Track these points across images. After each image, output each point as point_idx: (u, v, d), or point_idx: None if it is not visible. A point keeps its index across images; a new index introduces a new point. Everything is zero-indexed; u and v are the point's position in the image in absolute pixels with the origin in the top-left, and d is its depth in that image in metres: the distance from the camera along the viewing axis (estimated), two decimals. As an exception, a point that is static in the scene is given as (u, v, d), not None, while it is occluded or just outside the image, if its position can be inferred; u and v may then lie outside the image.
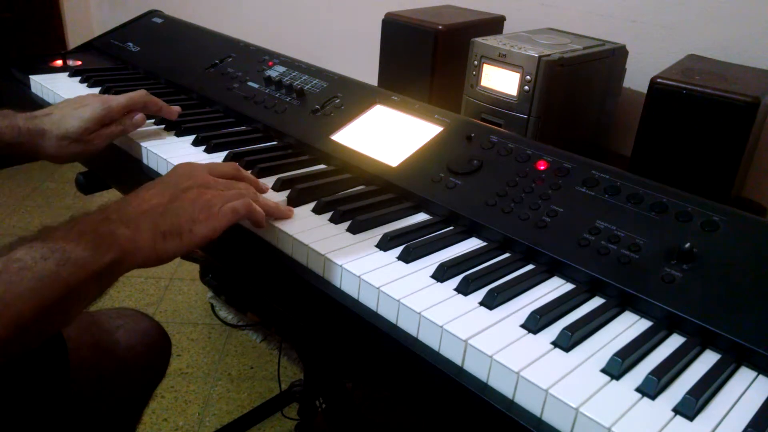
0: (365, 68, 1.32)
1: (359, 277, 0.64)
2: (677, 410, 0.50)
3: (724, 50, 1.04)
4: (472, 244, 0.73)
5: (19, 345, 0.52)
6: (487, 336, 0.56)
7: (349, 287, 0.65)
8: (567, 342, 0.56)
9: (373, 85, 1.05)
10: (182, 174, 0.70)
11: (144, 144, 0.93)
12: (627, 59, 1.08)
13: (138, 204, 0.64)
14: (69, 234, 0.56)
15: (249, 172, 0.84)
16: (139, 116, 0.94)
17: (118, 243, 0.59)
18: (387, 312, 0.62)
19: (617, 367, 0.53)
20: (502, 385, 0.53)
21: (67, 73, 1.24)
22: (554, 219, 0.71)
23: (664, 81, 0.86)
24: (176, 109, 1.00)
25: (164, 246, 0.63)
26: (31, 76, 1.20)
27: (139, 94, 0.95)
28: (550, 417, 0.50)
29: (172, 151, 0.92)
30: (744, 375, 0.56)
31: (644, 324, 0.61)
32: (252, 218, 0.70)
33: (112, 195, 0.83)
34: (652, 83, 0.87)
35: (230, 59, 1.19)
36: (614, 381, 0.52)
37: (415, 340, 0.59)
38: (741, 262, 0.62)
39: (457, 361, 0.56)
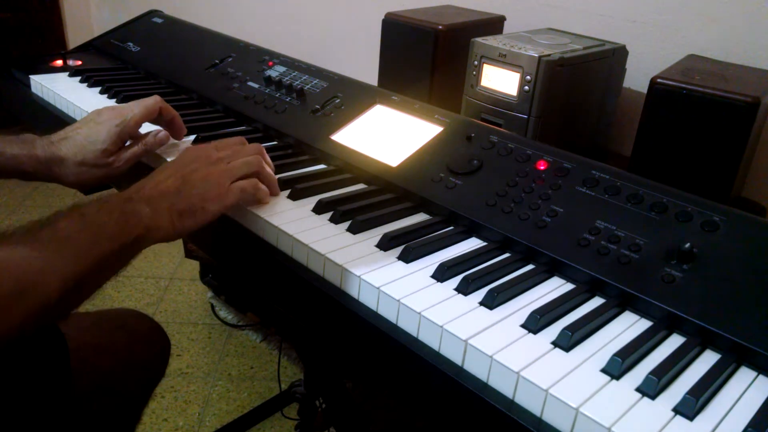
0: (365, 68, 1.32)
1: (359, 277, 0.64)
2: (677, 410, 0.50)
3: (724, 50, 1.04)
4: (472, 244, 0.73)
5: (64, 307, 0.59)
6: (487, 336, 0.56)
7: (349, 287, 0.65)
8: (567, 342, 0.56)
9: (373, 85, 1.05)
10: (191, 156, 0.74)
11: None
12: (627, 59, 1.08)
13: (154, 186, 0.69)
14: (100, 211, 0.63)
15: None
16: (163, 133, 0.89)
17: (142, 220, 0.65)
18: (387, 312, 0.62)
19: (617, 367, 0.53)
20: (502, 385, 0.53)
21: (67, 73, 1.24)
22: (554, 219, 0.71)
23: (664, 81, 0.86)
24: (184, 130, 0.95)
25: (181, 223, 0.69)
26: (31, 76, 1.20)
27: (154, 102, 0.89)
28: (550, 417, 0.50)
29: (172, 152, 0.92)
30: (744, 375, 0.56)
31: (644, 324, 0.61)
32: (257, 196, 0.76)
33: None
34: (652, 83, 0.87)
35: (230, 59, 1.19)
36: (614, 381, 0.52)
37: (415, 339, 0.59)
38: (741, 262, 0.62)
39: (458, 361, 0.56)
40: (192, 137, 0.97)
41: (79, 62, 1.31)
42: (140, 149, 0.87)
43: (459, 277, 0.64)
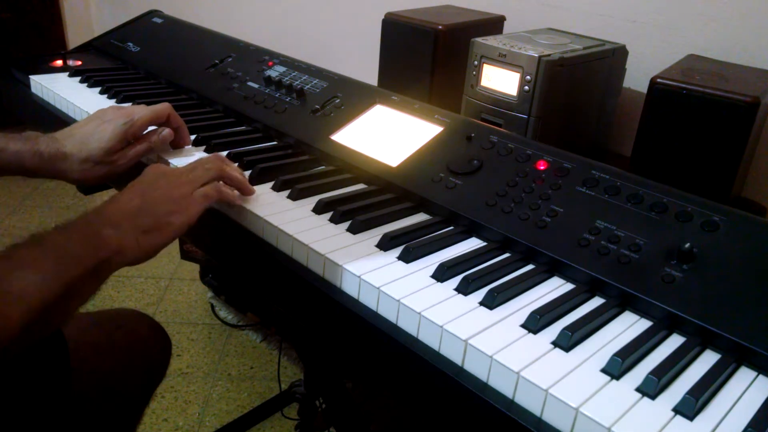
0: (365, 68, 1.32)
1: (359, 277, 0.64)
2: (677, 410, 0.50)
3: (724, 50, 1.04)
4: (472, 244, 0.73)
5: (27, 338, 0.55)
6: (487, 336, 0.56)
7: (349, 287, 0.65)
8: (567, 342, 0.56)
9: (373, 85, 1.05)
10: (152, 174, 0.72)
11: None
12: (627, 59, 1.08)
13: (116, 207, 0.67)
14: (59, 237, 0.60)
15: (249, 172, 0.84)
16: (167, 131, 0.88)
17: (106, 243, 0.62)
18: (387, 312, 0.62)
19: (617, 367, 0.53)
20: (502, 384, 0.53)
21: (67, 73, 1.24)
22: (554, 219, 0.71)
23: (664, 81, 0.86)
24: (189, 140, 0.95)
25: (147, 242, 0.66)
26: (31, 76, 1.20)
27: (164, 107, 0.89)
28: (550, 417, 0.50)
29: (172, 152, 0.92)
30: (744, 375, 0.56)
31: (644, 324, 0.61)
32: (223, 200, 0.75)
33: (111, 195, 0.83)
34: (652, 83, 0.87)
35: (230, 59, 1.19)
36: (614, 381, 0.53)
37: (415, 340, 0.59)
38: (741, 262, 0.62)
39: (457, 361, 0.56)
40: (192, 137, 0.97)
41: (79, 62, 1.31)
42: (144, 147, 0.87)
43: (459, 277, 0.64)
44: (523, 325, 0.58)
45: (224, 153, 0.92)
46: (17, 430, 0.71)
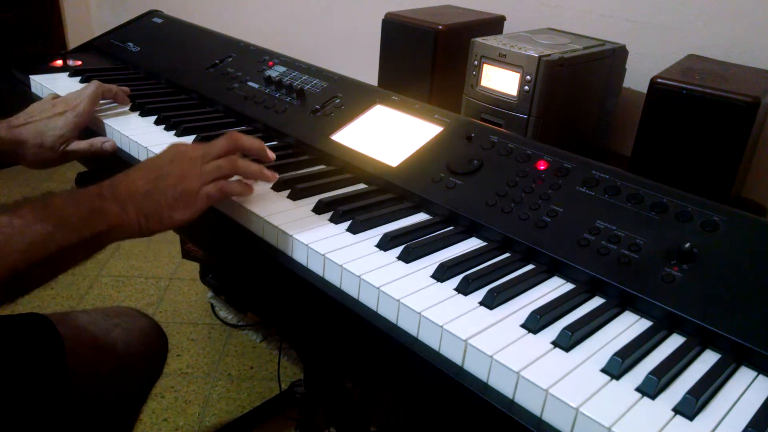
0: (365, 68, 1.32)
1: (359, 276, 0.64)
2: (677, 410, 0.50)
3: (724, 50, 1.04)
4: (472, 244, 0.73)
5: (9, 293, 0.60)
6: (487, 336, 0.56)
7: (349, 287, 0.65)
8: (567, 342, 0.56)
9: (373, 85, 1.05)
10: (168, 157, 0.74)
11: (144, 144, 0.93)
12: (627, 59, 1.08)
13: (127, 185, 0.70)
14: (68, 203, 0.64)
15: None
16: (109, 144, 0.97)
17: (108, 218, 0.67)
18: (387, 312, 0.62)
19: (617, 366, 0.53)
20: (502, 384, 0.53)
21: (67, 73, 1.24)
22: (554, 219, 0.71)
23: (664, 81, 0.86)
24: (125, 91, 1.07)
25: (147, 225, 0.70)
26: (31, 76, 1.20)
27: (95, 89, 0.99)
28: (550, 417, 0.50)
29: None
30: (744, 375, 0.56)
31: (644, 324, 0.61)
32: (230, 196, 0.75)
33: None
34: (652, 83, 0.87)
35: (230, 59, 1.19)
36: (614, 381, 0.53)
37: (415, 339, 0.59)
38: (741, 262, 0.62)
39: (458, 360, 0.56)
40: (192, 137, 0.97)
41: (79, 62, 1.31)
42: (84, 147, 0.95)
43: (459, 277, 0.64)
44: (523, 325, 0.58)
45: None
46: (14, 429, 0.71)
